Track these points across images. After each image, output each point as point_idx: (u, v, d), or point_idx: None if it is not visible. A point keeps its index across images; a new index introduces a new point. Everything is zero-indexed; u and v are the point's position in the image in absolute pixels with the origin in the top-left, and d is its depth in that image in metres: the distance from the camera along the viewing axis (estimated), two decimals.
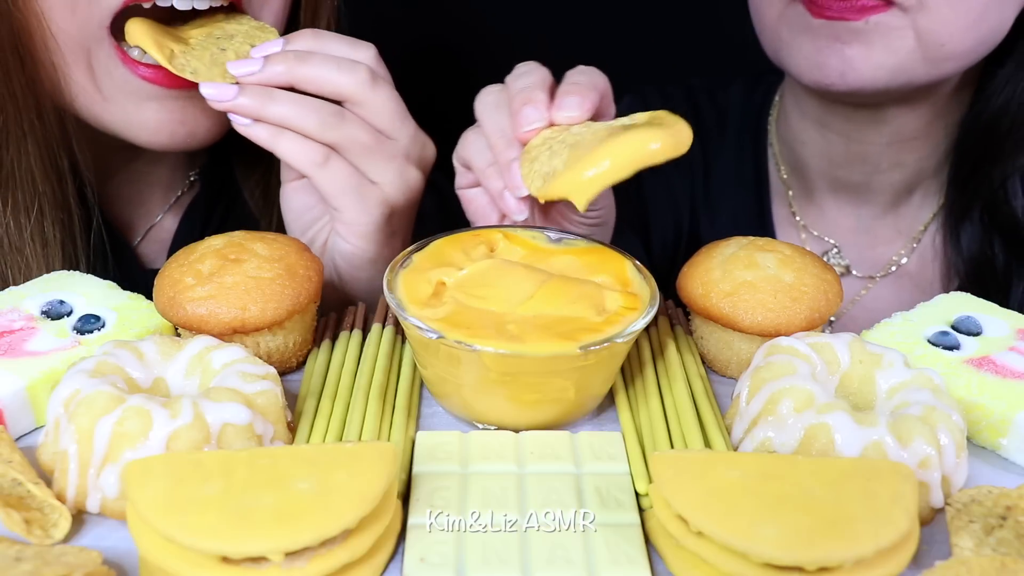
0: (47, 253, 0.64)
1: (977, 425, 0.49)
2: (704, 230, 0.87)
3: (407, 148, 0.61)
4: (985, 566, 0.37)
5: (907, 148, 0.78)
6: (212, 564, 0.36)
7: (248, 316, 0.49)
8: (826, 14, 0.68)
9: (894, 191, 0.81)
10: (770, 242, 0.55)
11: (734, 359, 0.54)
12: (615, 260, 0.52)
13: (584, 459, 0.45)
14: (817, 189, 0.84)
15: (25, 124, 0.60)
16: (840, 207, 0.83)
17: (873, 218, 0.83)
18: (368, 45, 0.61)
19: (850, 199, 0.82)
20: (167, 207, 0.77)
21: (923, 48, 0.68)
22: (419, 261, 0.51)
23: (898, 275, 0.83)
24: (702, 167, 0.88)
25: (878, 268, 0.83)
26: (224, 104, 0.57)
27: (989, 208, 0.76)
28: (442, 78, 1.12)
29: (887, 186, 0.81)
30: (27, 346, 0.49)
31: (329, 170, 0.58)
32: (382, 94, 0.59)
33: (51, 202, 0.64)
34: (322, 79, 0.58)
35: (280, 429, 0.45)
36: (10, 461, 0.42)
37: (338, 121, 0.58)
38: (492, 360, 0.44)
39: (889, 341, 0.53)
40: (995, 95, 0.74)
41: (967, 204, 0.77)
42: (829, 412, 0.43)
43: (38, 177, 0.62)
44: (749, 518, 0.36)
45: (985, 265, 0.77)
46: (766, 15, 0.74)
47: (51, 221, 0.64)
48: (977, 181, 0.76)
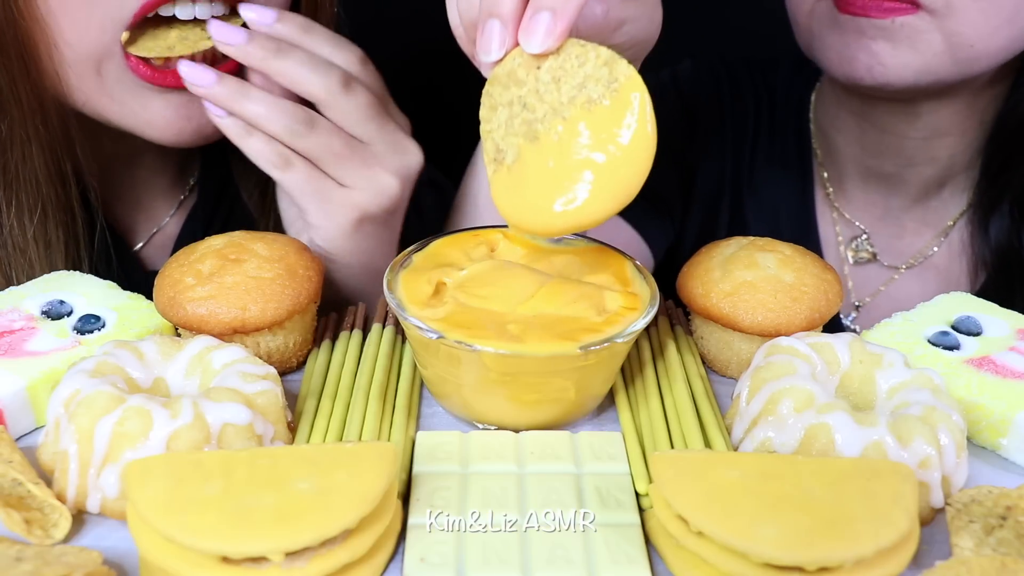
0: (50, 254, 0.64)
1: (977, 425, 0.49)
2: (748, 209, 0.87)
3: (382, 154, 0.60)
4: (985, 566, 0.37)
5: (941, 142, 0.78)
6: (212, 564, 0.36)
7: (248, 316, 0.49)
8: (851, 9, 0.69)
9: (924, 184, 0.81)
10: (770, 242, 0.55)
11: (734, 359, 0.54)
12: (615, 260, 0.52)
13: (584, 459, 0.45)
14: (848, 176, 0.84)
15: (30, 128, 0.61)
16: (869, 195, 0.84)
17: (902, 209, 0.83)
18: (353, 47, 0.60)
19: (880, 189, 0.83)
20: (171, 212, 0.78)
21: (951, 50, 0.68)
22: (419, 261, 0.51)
23: (924, 267, 0.83)
24: (749, 146, 0.88)
25: (904, 259, 0.83)
26: (200, 89, 0.58)
27: (1019, 201, 0.77)
28: (442, 79, 1.12)
29: (918, 178, 0.81)
30: (27, 346, 0.49)
31: (292, 173, 0.59)
32: (355, 99, 0.58)
33: (54, 204, 0.64)
34: (294, 77, 0.58)
35: (280, 429, 0.45)
36: (10, 461, 0.42)
37: (307, 129, 0.58)
38: (492, 360, 0.44)
39: (889, 341, 0.53)
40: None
41: (997, 196, 0.78)
42: (829, 412, 0.43)
43: (42, 180, 0.62)
44: (749, 518, 0.36)
45: (1012, 257, 0.77)
46: (799, 10, 0.75)
47: (54, 223, 0.64)
48: (1008, 175, 0.77)
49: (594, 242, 0.54)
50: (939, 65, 0.69)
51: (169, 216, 0.78)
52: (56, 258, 0.65)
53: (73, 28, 0.59)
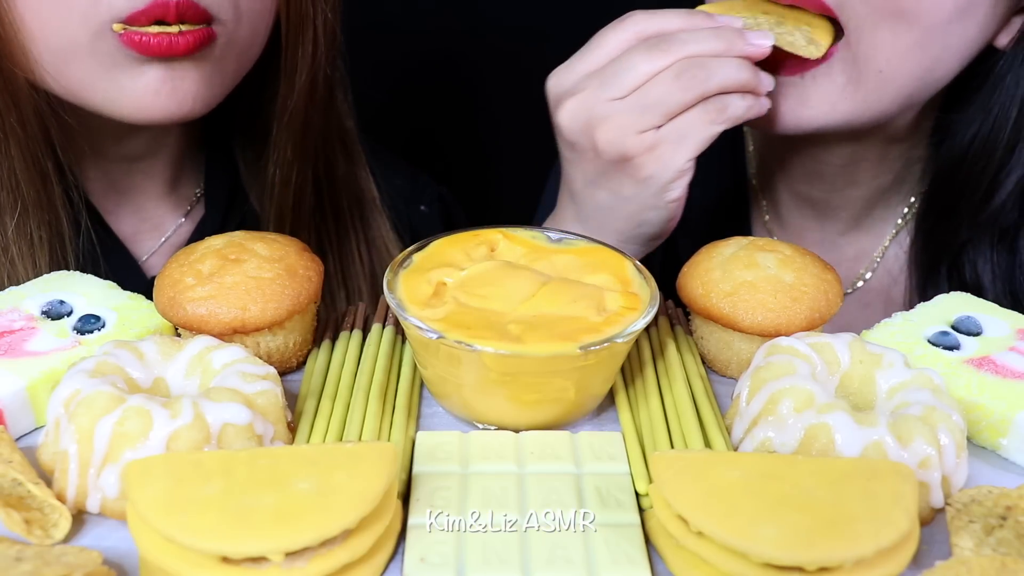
0: (33, 253, 0.64)
1: (977, 425, 0.49)
2: (681, 246, 0.83)
3: None
4: (985, 566, 0.37)
5: (861, 168, 0.77)
6: (212, 564, 0.36)
7: (248, 316, 0.49)
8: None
9: (854, 207, 0.80)
10: (770, 242, 0.55)
11: (734, 359, 0.54)
12: (615, 260, 0.52)
13: (584, 459, 0.45)
14: (783, 202, 0.83)
15: (6, 127, 0.61)
16: (805, 221, 0.83)
17: (838, 233, 0.82)
18: None
19: (814, 213, 0.82)
20: (179, 222, 0.78)
21: (860, 78, 0.65)
22: (419, 261, 0.51)
23: (864, 291, 0.82)
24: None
25: (845, 284, 0.81)
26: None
27: (956, 267, 0.74)
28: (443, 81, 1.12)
29: (847, 202, 0.80)
30: (27, 346, 0.49)
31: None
32: None
33: (35, 203, 0.64)
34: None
35: (280, 429, 0.45)
36: (10, 461, 0.42)
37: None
38: (492, 360, 0.44)
39: (889, 341, 0.53)
40: (955, 143, 0.72)
41: (934, 260, 0.76)
42: (829, 412, 0.43)
43: (21, 179, 0.63)
44: (749, 518, 0.36)
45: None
46: None
47: (36, 222, 0.64)
48: (941, 236, 0.75)
49: (594, 242, 0.54)
50: (849, 103, 0.66)
51: (176, 226, 0.78)
52: (40, 257, 0.64)
53: (54, 23, 0.58)
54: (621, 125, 0.62)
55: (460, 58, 1.11)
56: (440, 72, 1.12)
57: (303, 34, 0.69)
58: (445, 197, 0.91)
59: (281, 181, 0.74)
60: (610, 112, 0.62)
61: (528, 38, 1.04)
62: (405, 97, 1.12)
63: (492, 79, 1.11)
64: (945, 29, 0.64)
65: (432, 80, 1.12)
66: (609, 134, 0.62)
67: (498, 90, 1.10)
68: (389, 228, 0.83)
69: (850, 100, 0.66)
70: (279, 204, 0.75)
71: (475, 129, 1.13)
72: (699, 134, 0.62)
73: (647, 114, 0.61)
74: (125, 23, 0.59)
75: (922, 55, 0.65)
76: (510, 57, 1.08)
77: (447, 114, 1.13)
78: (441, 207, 0.90)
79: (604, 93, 0.62)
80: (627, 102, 0.61)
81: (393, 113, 1.10)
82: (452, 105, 1.13)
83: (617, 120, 0.62)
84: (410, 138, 1.09)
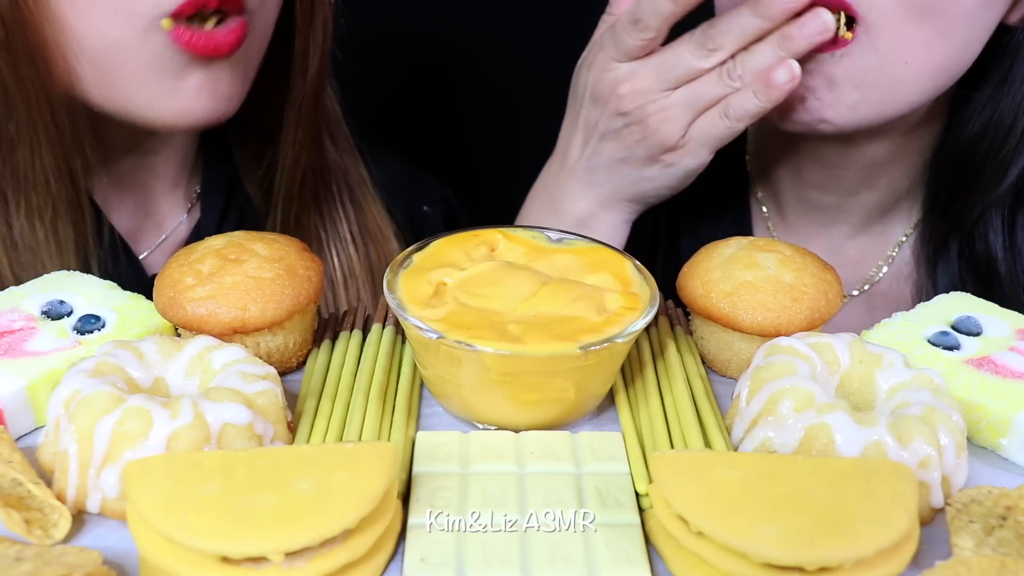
0: (62, 253, 0.64)
1: (977, 425, 0.49)
2: (685, 249, 0.84)
3: None
4: (985, 566, 0.37)
5: (878, 172, 0.77)
6: (212, 564, 0.36)
7: (248, 316, 0.49)
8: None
9: (867, 212, 0.80)
10: (770, 242, 0.55)
11: (734, 359, 0.54)
12: (615, 260, 0.52)
13: (584, 459, 0.45)
14: (789, 208, 0.83)
15: (39, 128, 0.60)
16: (812, 227, 0.82)
17: (846, 238, 0.82)
18: None
19: (822, 219, 0.81)
20: (180, 219, 0.78)
21: (886, 71, 0.65)
22: (419, 261, 0.51)
23: (871, 293, 0.81)
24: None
25: (851, 287, 0.81)
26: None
27: (968, 241, 0.75)
28: (443, 81, 1.12)
29: (859, 208, 0.80)
30: (27, 346, 0.49)
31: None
32: None
33: (65, 203, 0.64)
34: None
35: (280, 429, 0.45)
36: (10, 461, 0.42)
37: None
38: (492, 360, 0.44)
39: (889, 341, 0.53)
40: (972, 119, 0.73)
41: (944, 235, 0.76)
42: (829, 412, 0.43)
43: (52, 179, 0.62)
44: (749, 518, 0.36)
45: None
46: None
47: (65, 221, 0.64)
48: (955, 212, 0.75)
49: (594, 242, 0.54)
50: (876, 95, 0.66)
51: (177, 223, 0.78)
52: (68, 257, 0.64)
53: (102, 12, 0.58)
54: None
55: (460, 58, 1.12)
56: (440, 72, 1.12)
57: (315, 16, 0.69)
58: (449, 199, 0.91)
59: (292, 163, 0.74)
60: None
61: (528, 38, 1.04)
62: (405, 97, 1.12)
63: (492, 79, 1.11)
64: (971, 16, 0.65)
65: (432, 80, 1.12)
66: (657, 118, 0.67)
67: (498, 90, 1.11)
68: (383, 212, 0.83)
69: (875, 90, 0.67)
70: (287, 188, 0.75)
71: (475, 129, 1.13)
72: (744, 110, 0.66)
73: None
74: (172, 16, 0.59)
75: (947, 45, 0.66)
76: (510, 57, 1.08)
77: (447, 114, 1.13)
78: (444, 208, 0.90)
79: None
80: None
81: (393, 113, 1.10)
82: (452, 105, 1.13)
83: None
84: (410, 138, 1.09)
